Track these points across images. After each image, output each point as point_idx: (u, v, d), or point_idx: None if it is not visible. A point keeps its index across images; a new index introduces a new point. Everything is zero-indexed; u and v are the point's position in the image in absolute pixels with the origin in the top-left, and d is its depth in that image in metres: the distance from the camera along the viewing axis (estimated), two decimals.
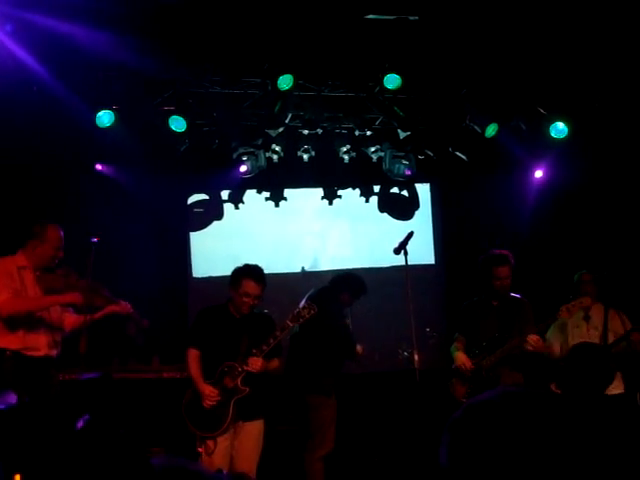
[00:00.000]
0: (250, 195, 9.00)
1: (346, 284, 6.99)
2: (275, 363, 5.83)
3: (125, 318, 5.98)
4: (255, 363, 5.56)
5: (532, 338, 5.81)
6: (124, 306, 5.85)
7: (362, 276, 7.23)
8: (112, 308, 5.81)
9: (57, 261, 5.74)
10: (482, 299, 6.22)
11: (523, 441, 1.30)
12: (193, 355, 5.75)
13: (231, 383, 5.62)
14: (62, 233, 5.74)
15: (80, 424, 4.25)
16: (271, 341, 5.62)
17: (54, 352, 5.69)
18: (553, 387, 6.44)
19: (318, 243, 9.32)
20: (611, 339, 6.36)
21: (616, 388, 6.40)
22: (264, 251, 9.04)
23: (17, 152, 7.25)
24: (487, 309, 6.15)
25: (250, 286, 5.69)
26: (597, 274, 6.66)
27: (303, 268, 9.18)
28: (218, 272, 8.89)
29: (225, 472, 5.34)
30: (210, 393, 5.59)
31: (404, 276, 5.93)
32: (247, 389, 5.62)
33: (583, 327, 6.58)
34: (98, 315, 5.80)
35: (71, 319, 5.86)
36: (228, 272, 5.54)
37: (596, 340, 6.45)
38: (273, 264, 9.02)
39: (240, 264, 5.87)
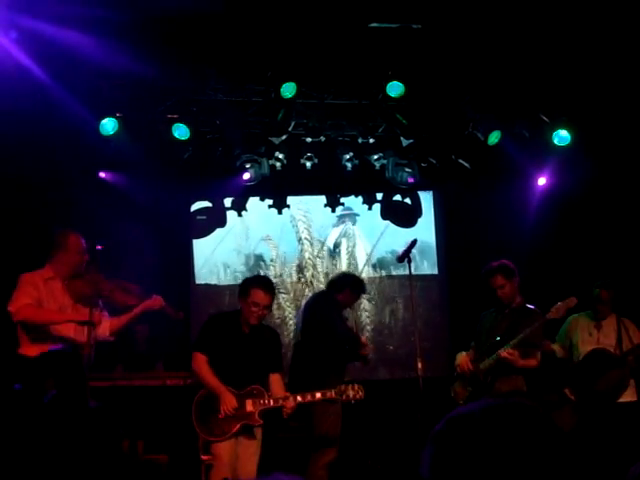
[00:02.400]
0: (253, 202, 9.00)
1: (343, 282, 6.98)
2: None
3: (158, 314, 5.98)
4: (290, 405, 5.58)
5: (505, 352, 5.77)
6: (156, 300, 5.81)
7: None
8: (146, 304, 5.78)
9: (84, 265, 5.74)
10: (497, 309, 6.18)
11: (503, 454, 1.30)
12: (203, 360, 5.68)
13: (251, 408, 5.60)
14: (82, 238, 5.76)
15: (48, 398, 4.24)
16: (309, 397, 5.66)
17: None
18: (567, 392, 6.48)
19: (319, 250, 9.31)
20: (624, 348, 6.42)
21: (628, 396, 6.44)
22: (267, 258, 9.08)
23: (21, 160, 7.26)
24: (499, 317, 6.10)
25: (259, 295, 5.67)
26: (614, 287, 6.69)
27: (305, 275, 9.18)
28: (220, 279, 8.93)
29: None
30: (230, 406, 5.53)
31: (406, 284, 5.93)
32: (260, 422, 5.62)
33: (594, 335, 6.62)
34: (132, 314, 5.79)
35: (107, 324, 5.79)
36: (230, 279, 5.54)
37: (608, 348, 6.49)
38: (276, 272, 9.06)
39: (242, 271, 5.89)
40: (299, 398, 5.64)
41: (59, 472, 3.78)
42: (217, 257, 9.02)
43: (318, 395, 5.71)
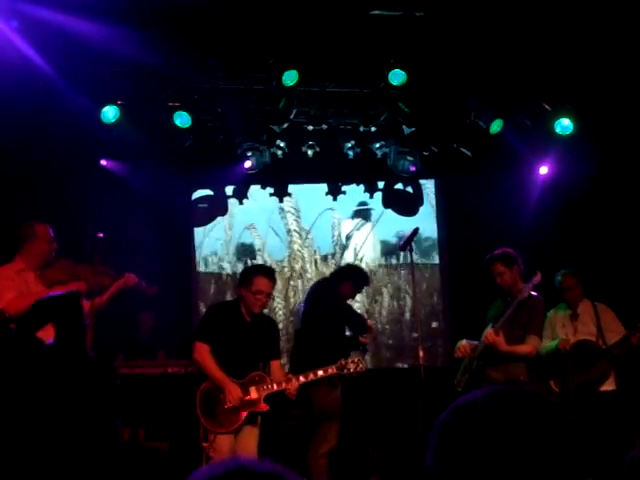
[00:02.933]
0: (254, 191, 8.99)
1: (347, 274, 7.01)
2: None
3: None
4: (293, 386, 5.63)
5: (487, 332, 5.78)
6: (129, 278, 5.87)
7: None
8: (118, 284, 5.84)
9: (53, 254, 5.78)
10: (502, 298, 6.15)
11: (509, 442, 1.30)
12: (205, 350, 5.67)
13: (256, 395, 5.62)
14: (49, 227, 5.81)
15: (46, 346, 4.23)
16: (311, 376, 5.69)
17: None
18: (552, 384, 6.48)
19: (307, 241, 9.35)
20: (607, 336, 6.44)
21: (609, 384, 6.47)
22: (268, 246, 9.09)
23: (22, 148, 7.25)
24: (502, 306, 6.08)
25: (263, 283, 5.69)
26: (576, 273, 6.71)
27: (294, 267, 9.22)
28: (222, 267, 8.95)
29: None
30: (236, 396, 5.56)
31: (401, 273, 5.94)
32: (267, 408, 5.64)
33: (573, 325, 6.63)
34: (108, 294, 5.81)
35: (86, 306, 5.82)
36: (215, 269, 5.53)
37: (587, 336, 6.51)
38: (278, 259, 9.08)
39: (229, 261, 5.91)
40: (302, 378, 5.68)
41: (56, 422, 3.77)
42: (204, 247, 9.06)
43: (320, 373, 5.74)
